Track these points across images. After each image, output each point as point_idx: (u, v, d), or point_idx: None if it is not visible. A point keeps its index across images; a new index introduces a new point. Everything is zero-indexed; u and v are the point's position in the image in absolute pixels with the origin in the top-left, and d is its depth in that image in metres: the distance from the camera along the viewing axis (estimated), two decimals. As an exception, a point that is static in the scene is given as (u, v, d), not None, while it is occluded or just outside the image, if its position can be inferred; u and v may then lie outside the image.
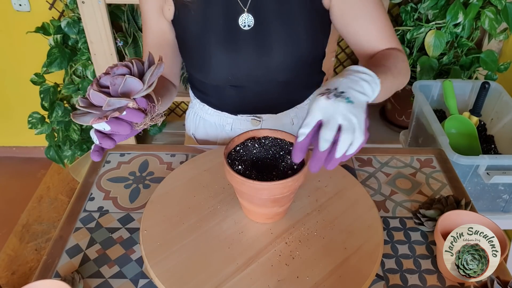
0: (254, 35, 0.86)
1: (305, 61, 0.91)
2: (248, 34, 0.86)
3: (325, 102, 0.59)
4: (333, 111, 0.58)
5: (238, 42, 0.87)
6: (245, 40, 0.87)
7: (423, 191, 0.88)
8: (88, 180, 0.90)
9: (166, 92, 0.91)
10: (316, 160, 0.59)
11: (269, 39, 0.86)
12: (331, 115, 0.58)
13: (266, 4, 0.85)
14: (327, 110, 0.58)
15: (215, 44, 0.87)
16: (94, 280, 0.70)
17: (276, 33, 0.86)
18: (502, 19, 1.54)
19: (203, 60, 0.89)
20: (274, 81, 0.93)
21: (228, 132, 1.02)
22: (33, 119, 1.86)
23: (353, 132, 0.58)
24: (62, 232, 0.78)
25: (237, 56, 0.88)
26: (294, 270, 0.68)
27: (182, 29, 0.90)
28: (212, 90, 0.98)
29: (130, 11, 1.69)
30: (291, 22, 0.86)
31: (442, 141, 1.20)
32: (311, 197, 0.80)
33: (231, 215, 0.76)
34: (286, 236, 0.73)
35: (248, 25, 0.86)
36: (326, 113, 0.58)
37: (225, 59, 0.88)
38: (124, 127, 0.64)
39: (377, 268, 0.69)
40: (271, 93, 0.96)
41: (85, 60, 1.76)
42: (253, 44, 0.87)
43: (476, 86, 1.47)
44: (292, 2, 0.85)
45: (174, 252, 0.70)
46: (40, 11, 1.84)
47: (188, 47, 0.91)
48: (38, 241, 1.91)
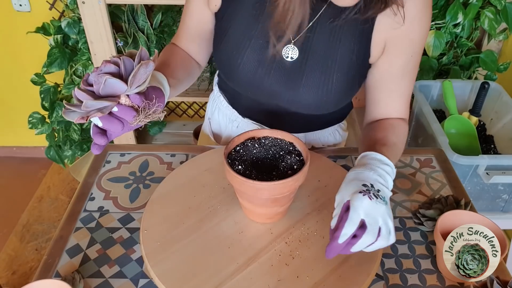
0: (290, 67, 0.82)
1: (328, 107, 0.87)
2: (286, 65, 0.82)
3: (369, 203, 0.61)
4: (375, 212, 0.61)
5: (272, 68, 0.83)
6: (281, 69, 0.83)
7: (422, 191, 0.88)
8: (88, 180, 0.90)
9: (184, 75, 0.87)
10: (335, 249, 0.61)
11: (304, 77, 0.82)
12: (374, 216, 0.61)
13: (315, 44, 0.80)
14: (370, 212, 0.61)
15: (249, 59, 0.83)
16: (95, 280, 0.70)
17: (312, 74, 0.82)
18: (502, 19, 1.54)
19: (231, 67, 0.85)
20: (293, 111, 0.90)
21: (235, 130, 1.02)
22: (33, 119, 1.86)
23: (387, 237, 0.62)
24: (62, 232, 0.78)
25: (265, 80, 0.84)
26: (294, 270, 0.68)
27: (222, 28, 0.86)
28: (231, 90, 0.98)
29: (130, 11, 1.69)
30: (330, 70, 0.82)
31: (441, 141, 1.20)
32: (311, 197, 0.80)
33: (231, 215, 0.76)
34: (286, 236, 0.73)
35: (291, 57, 0.81)
36: (369, 214, 0.61)
37: (252, 77, 0.84)
38: (115, 124, 0.62)
39: (377, 268, 0.70)
40: (286, 118, 0.94)
41: (85, 60, 1.76)
42: (286, 76, 0.83)
43: (476, 86, 1.47)
44: (338, 50, 0.80)
45: (174, 252, 0.70)
46: (40, 11, 1.85)
47: (221, 47, 0.87)
48: (39, 241, 1.91)
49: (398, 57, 0.81)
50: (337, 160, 0.95)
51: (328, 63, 0.81)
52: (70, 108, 0.60)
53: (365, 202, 0.61)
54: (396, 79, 0.83)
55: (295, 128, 0.96)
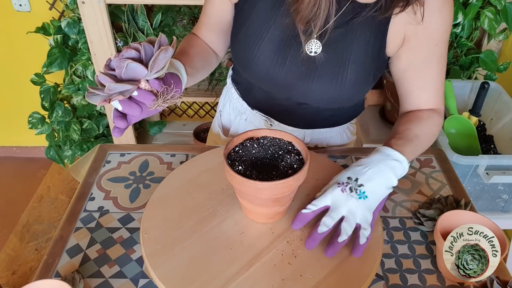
0: (308, 61, 0.83)
1: (341, 101, 0.88)
2: (304, 58, 0.82)
3: (339, 194, 0.70)
4: (341, 203, 0.69)
5: (288, 59, 0.83)
6: (297, 61, 0.83)
7: (422, 191, 0.88)
8: (88, 180, 0.90)
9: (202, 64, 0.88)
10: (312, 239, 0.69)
11: (319, 69, 0.83)
12: (338, 206, 0.69)
13: (335, 39, 0.81)
14: (336, 201, 0.69)
15: (266, 50, 0.83)
16: (94, 280, 0.70)
17: (327, 65, 0.82)
18: (502, 19, 1.54)
19: (247, 58, 0.86)
20: (304, 105, 0.92)
21: (243, 123, 1.02)
22: (33, 119, 1.86)
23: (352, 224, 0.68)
24: (62, 232, 0.78)
25: (280, 72, 0.84)
26: (297, 268, 0.68)
27: (241, 18, 0.87)
28: (244, 82, 0.99)
29: (130, 11, 1.69)
30: (345, 61, 0.82)
31: (441, 141, 1.20)
32: (310, 195, 0.80)
33: (231, 216, 0.76)
34: (287, 235, 0.73)
35: (315, 52, 0.81)
36: (335, 203, 0.69)
37: (268, 68, 0.84)
38: (134, 108, 0.64)
39: (377, 268, 0.70)
40: (297, 112, 0.95)
41: (85, 60, 1.76)
42: (302, 69, 0.83)
43: (476, 86, 1.47)
44: (354, 41, 0.81)
45: (175, 254, 0.70)
46: (40, 11, 1.85)
47: (239, 38, 0.87)
48: (39, 241, 1.91)
49: (420, 48, 0.82)
50: (337, 160, 0.95)
51: (344, 55, 0.82)
52: (93, 92, 0.62)
53: (335, 192, 0.70)
54: (422, 69, 0.83)
55: (304, 123, 0.97)
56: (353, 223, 0.68)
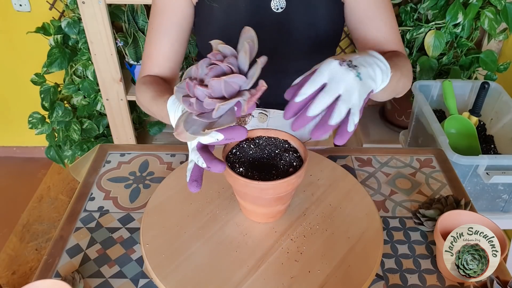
0: (280, 18, 0.87)
1: (320, 51, 0.91)
2: (275, 17, 0.87)
3: (336, 67, 0.56)
4: (340, 78, 0.56)
5: (262, 24, 0.87)
6: (270, 23, 0.87)
7: (422, 191, 0.88)
8: (88, 180, 0.90)
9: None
10: (300, 120, 0.56)
11: (292, 23, 0.87)
12: (336, 81, 0.55)
13: None
14: (335, 75, 0.56)
15: (239, 22, 0.87)
16: (94, 280, 0.70)
17: (299, 17, 0.87)
18: (502, 19, 1.54)
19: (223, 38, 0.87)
20: (288, 70, 0.92)
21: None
22: (33, 119, 1.86)
23: (348, 105, 0.55)
24: (62, 232, 0.78)
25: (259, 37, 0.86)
26: (304, 265, 0.68)
27: (205, 10, 0.89)
28: None
29: (130, 11, 1.69)
30: (313, 9, 0.87)
31: (441, 141, 1.20)
32: (306, 192, 0.80)
33: (232, 219, 0.76)
34: (290, 233, 0.73)
35: (281, 7, 0.87)
36: (333, 78, 0.56)
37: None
38: (238, 130, 0.55)
39: (377, 268, 0.70)
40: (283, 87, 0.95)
41: (86, 60, 1.76)
42: (277, 28, 0.88)
43: (476, 86, 1.47)
44: None
45: (181, 263, 0.69)
46: (40, 11, 1.85)
47: (210, 27, 0.89)
48: (39, 241, 1.91)
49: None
50: (337, 160, 0.95)
51: (307, 3, 0.87)
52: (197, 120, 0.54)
53: (332, 65, 0.56)
54: (372, 6, 0.86)
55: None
56: (349, 104, 0.56)
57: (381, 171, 0.92)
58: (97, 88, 1.79)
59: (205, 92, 0.54)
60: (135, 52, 1.70)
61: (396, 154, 0.97)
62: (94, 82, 1.78)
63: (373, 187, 0.89)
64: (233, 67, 0.55)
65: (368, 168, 0.93)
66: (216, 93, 0.54)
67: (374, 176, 0.91)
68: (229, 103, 0.53)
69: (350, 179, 0.84)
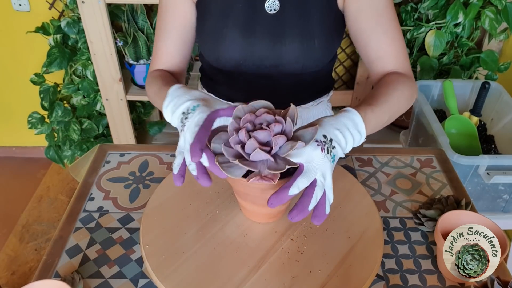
0: (273, 20, 0.87)
1: (315, 57, 0.90)
2: (269, 19, 0.87)
3: (318, 154, 0.60)
4: (317, 165, 0.60)
5: (256, 25, 0.87)
6: (264, 24, 0.87)
7: (423, 191, 0.88)
8: (88, 180, 0.90)
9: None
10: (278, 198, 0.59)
11: (286, 27, 0.87)
12: (314, 167, 0.59)
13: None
14: (313, 160, 0.60)
15: (233, 25, 0.87)
16: (94, 280, 0.70)
17: (293, 22, 0.87)
18: (502, 19, 1.54)
19: (217, 41, 0.89)
20: (283, 74, 0.93)
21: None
22: (33, 119, 1.86)
23: (321, 191, 0.60)
24: (62, 232, 0.78)
25: (252, 40, 0.88)
26: (305, 265, 0.68)
27: (203, 8, 0.90)
28: (223, 79, 0.99)
29: (130, 11, 1.69)
30: (307, 15, 0.87)
31: (442, 141, 1.20)
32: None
33: (232, 219, 0.76)
34: (290, 233, 0.73)
35: (274, 9, 0.87)
36: (310, 163, 0.60)
37: (240, 41, 0.88)
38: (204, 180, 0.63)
39: (378, 268, 0.69)
40: (279, 89, 0.96)
41: (85, 60, 1.75)
42: (270, 30, 0.88)
43: (476, 86, 1.47)
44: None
45: (182, 264, 0.68)
46: (40, 11, 1.84)
47: (206, 27, 0.90)
48: (38, 241, 1.91)
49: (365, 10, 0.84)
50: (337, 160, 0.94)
51: (303, 8, 0.87)
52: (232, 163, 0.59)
53: (316, 152, 0.60)
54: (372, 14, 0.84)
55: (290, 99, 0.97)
56: (323, 188, 0.61)
57: (381, 171, 0.92)
58: (96, 88, 1.79)
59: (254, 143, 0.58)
60: (134, 52, 1.70)
61: (396, 154, 0.97)
62: (93, 82, 1.78)
63: (374, 187, 0.88)
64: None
65: (368, 168, 0.93)
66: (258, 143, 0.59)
67: (375, 176, 0.91)
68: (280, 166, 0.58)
69: (350, 179, 0.84)
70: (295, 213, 0.59)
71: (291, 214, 0.59)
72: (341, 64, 2.06)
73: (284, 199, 0.59)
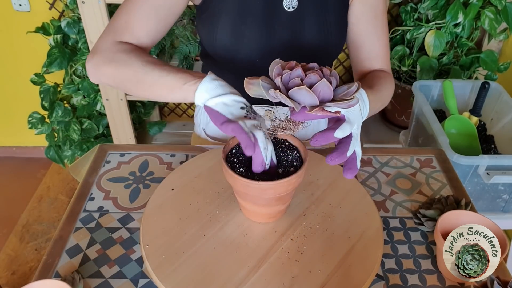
0: (292, 17, 0.88)
1: (331, 54, 0.93)
2: (288, 16, 0.88)
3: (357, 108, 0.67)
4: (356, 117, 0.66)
5: (275, 22, 0.88)
6: (283, 21, 0.88)
7: (423, 191, 0.88)
8: (88, 180, 0.90)
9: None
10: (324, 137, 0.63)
11: (304, 23, 0.88)
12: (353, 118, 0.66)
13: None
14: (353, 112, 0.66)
15: (252, 23, 0.87)
16: (94, 280, 0.70)
17: (311, 19, 0.88)
18: (502, 19, 1.54)
19: (236, 40, 0.88)
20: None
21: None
22: (33, 119, 1.86)
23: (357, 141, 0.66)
24: (62, 232, 0.78)
25: (272, 37, 0.88)
26: (305, 265, 0.68)
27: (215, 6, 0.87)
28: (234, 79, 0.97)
29: (130, 11, 1.69)
30: (325, 12, 0.89)
31: (442, 141, 1.20)
32: (306, 192, 0.80)
33: (232, 219, 0.76)
34: (290, 233, 0.73)
35: (292, 7, 0.87)
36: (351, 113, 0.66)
37: (259, 40, 0.88)
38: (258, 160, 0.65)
39: (377, 268, 0.70)
40: None
41: (85, 60, 1.75)
42: (290, 27, 0.88)
43: (476, 86, 1.47)
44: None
45: (181, 264, 0.68)
46: (40, 11, 1.85)
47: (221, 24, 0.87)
48: (38, 241, 1.91)
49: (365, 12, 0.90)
50: (337, 160, 0.95)
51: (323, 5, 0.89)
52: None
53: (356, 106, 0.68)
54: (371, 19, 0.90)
55: None
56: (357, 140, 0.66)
57: (381, 171, 0.92)
58: (96, 88, 1.79)
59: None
60: (135, 52, 1.70)
61: (396, 154, 0.97)
62: (92, 82, 1.78)
63: (373, 187, 0.88)
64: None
65: (368, 168, 0.93)
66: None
67: (374, 176, 0.91)
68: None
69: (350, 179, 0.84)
70: (335, 155, 0.63)
71: (331, 156, 0.63)
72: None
73: (329, 139, 0.63)
